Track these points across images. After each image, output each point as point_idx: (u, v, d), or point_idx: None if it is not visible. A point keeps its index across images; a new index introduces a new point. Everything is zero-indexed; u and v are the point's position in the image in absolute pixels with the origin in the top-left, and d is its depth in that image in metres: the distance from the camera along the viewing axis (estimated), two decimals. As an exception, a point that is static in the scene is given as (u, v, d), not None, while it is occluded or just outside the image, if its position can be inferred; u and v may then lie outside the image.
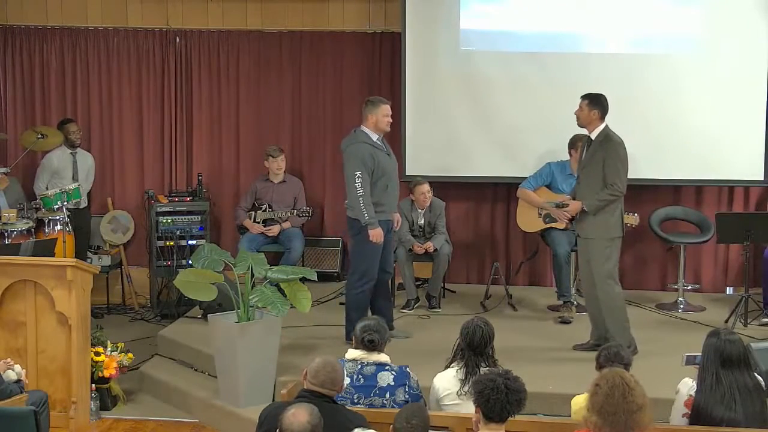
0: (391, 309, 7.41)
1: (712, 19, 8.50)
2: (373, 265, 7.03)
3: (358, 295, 7.04)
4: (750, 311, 7.68)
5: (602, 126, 6.71)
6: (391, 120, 7.07)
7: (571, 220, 6.96)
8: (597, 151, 6.70)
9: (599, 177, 6.64)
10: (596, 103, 6.70)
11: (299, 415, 3.82)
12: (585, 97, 6.76)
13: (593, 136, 6.74)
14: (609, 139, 6.67)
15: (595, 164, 6.68)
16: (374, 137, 6.98)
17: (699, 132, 8.52)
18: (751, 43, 8.42)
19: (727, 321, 7.62)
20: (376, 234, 6.89)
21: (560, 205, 7.07)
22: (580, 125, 6.83)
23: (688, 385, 4.76)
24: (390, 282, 7.55)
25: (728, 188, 8.89)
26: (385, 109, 7.01)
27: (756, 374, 4.69)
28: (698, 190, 8.93)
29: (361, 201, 6.86)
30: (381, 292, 7.22)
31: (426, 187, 8.24)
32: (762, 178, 8.53)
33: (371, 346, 5.01)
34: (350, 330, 6.35)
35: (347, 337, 6.80)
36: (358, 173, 6.85)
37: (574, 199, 6.89)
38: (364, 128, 7.01)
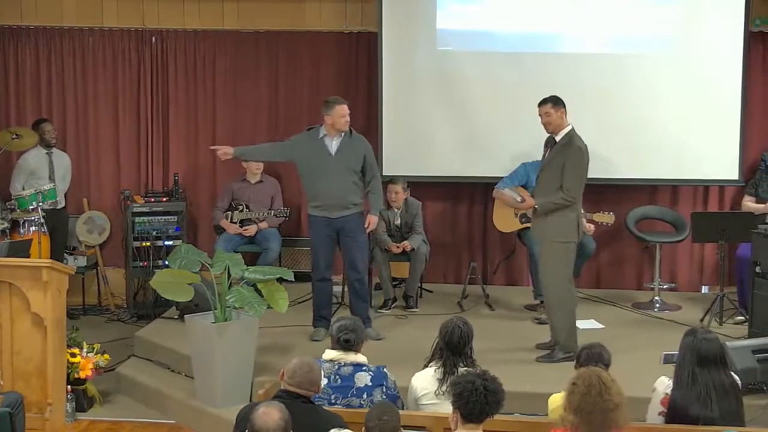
0: (366, 308, 7.34)
1: (687, 19, 8.55)
2: (314, 258, 7.29)
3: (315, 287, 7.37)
4: (725, 310, 7.71)
5: (567, 129, 6.56)
6: (347, 120, 7.08)
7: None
8: (558, 154, 6.56)
9: (556, 180, 6.50)
10: (560, 101, 6.56)
11: (271, 413, 3.78)
12: (546, 100, 6.59)
13: (558, 138, 6.58)
14: (571, 143, 6.51)
15: (555, 167, 6.55)
16: (322, 133, 7.11)
17: (674, 131, 8.56)
18: (726, 43, 8.47)
19: (702, 320, 7.66)
20: (222, 152, 7.33)
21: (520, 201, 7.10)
22: (552, 131, 6.64)
23: (664, 384, 4.78)
24: (362, 281, 7.36)
25: (703, 188, 8.94)
26: (340, 109, 7.05)
27: (732, 373, 4.72)
28: (674, 189, 8.97)
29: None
30: (352, 292, 7.29)
31: (397, 186, 8.25)
32: (737, 178, 8.59)
33: (347, 345, 5.00)
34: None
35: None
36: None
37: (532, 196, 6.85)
38: (321, 126, 7.16)
